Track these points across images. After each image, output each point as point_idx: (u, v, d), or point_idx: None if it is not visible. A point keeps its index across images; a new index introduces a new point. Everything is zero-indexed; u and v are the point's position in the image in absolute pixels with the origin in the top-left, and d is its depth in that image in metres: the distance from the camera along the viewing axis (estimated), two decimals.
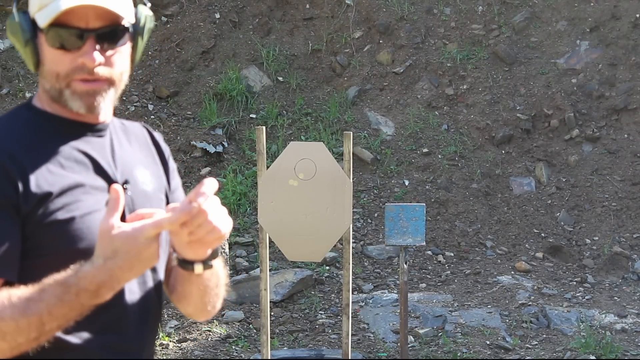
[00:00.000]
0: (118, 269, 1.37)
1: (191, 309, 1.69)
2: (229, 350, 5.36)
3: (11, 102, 7.72)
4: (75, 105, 1.51)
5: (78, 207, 1.47)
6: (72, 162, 1.51)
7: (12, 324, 1.33)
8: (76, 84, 1.50)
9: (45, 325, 1.35)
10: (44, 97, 1.56)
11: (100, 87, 1.51)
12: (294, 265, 6.39)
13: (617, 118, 7.91)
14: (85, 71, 1.49)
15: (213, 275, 1.62)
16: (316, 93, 8.28)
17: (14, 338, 1.34)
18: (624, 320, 5.75)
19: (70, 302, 1.35)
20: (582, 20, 8.42)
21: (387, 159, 7.66)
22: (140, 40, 1.58)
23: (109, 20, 1.50)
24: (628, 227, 7.17)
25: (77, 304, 1.36)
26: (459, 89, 8.19)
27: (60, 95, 1.51)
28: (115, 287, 1.39)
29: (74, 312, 1.37)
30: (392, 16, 8.53)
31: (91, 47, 1.48)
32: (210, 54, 8.36)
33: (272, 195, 4.19)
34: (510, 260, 6.84)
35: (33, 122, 1.53)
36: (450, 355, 5.26)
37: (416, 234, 4.68)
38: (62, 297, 1.35)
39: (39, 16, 1.48)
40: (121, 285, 1.40)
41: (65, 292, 1.35)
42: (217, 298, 1.69)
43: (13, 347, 1.36)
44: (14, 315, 1.33)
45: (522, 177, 7.66)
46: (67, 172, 1.49)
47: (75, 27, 1.47)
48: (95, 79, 1.50)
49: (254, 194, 6.86)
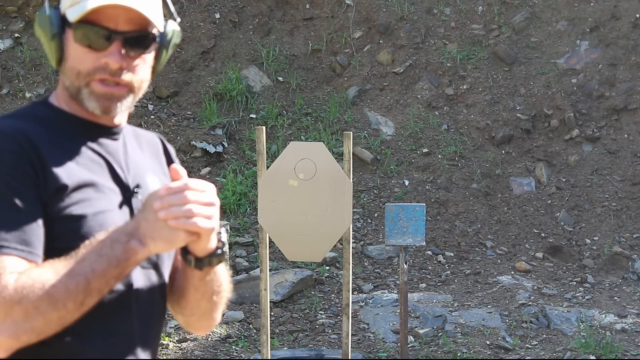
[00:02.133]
0: (143, 219, 1.39)
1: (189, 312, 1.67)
2: (229, 350, 5.36)
3: (11, 102, 7.72)
4: (91, 105, 1.51)
5: (92, 204, 1.47)
6: (87, 160, 1.52)
7: (62, 287, 1.34)
8: (95, 84, 1.50)
9: (90, 283, 1.36)
10: (63, 94, 1.56)
11: (119, 93, 1.51)
12: (294, 265, 6.39)
13: (617, 118, 7.92)
14: (106, 72, 1.49)
15: (212, 282, 1.61)
16: (316, 93, 8.28)
17: (64, 304, 1.35)
18: (624, 320, 5.75)
19: (108, 256, 1.37)
20: (582, 20, 8.43)
21: (387, 159, 7.66)
22: (164, 52, 1.59)
23: (138, 26, 1.50)
24: (628, 227, 7.17)
25: (113, 257, 1.37)
26: (459, 89, 8.19)
27: (78, 93, 1.51)
28: (143, 242, 1.39)
29: (112, 268, 1.38)
30: (392, 16, 8.53)
31: (117, 49, 1.49)
32: (210, 54, 8.36)
33: (272, 195, 4.19)
34: (510, 260, 6.84)
35: (50, 119, 1.53)
36: (450, 355, 5.26)
37: (416, 234, 4.68)
38: (100, 251, 1.37)
39: (70, 12, 1.49)
40: (148, 242, 1.39)
41: (102, 246, 1.38)
42: (218, 306, 1.67)
43: (61, 317, 1.36)
44: (61, 279, 1.35)
45: (522, 177, 7.66)
46: (82, 169, 1.50)
47: (104, 26, 1.48)
48: (115, 82, 1.50)
49: (254, 194, 6.86)
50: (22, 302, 1.32)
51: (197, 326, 1.72)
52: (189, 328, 1.76)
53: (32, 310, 1.32)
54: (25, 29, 8.39)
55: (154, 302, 1.59)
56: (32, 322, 1.33)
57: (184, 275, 1.61)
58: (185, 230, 1.39)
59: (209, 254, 1.51)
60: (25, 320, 1.32)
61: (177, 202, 1.38)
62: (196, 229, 1.39)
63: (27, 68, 8.12)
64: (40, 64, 8.14)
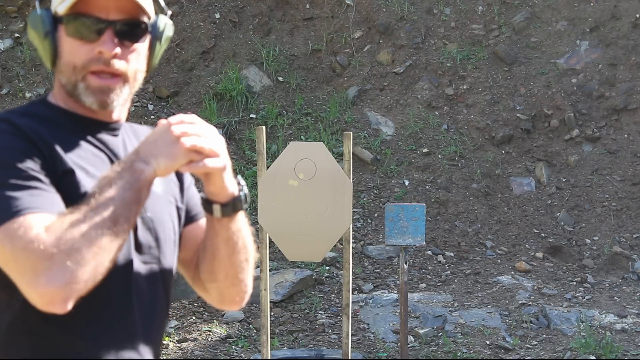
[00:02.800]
0: (142, 143, 1.43)
1: (222, 275, 1.65)
2: (229, 350, 5.36)
3: (11, 102, 7.72)
4: (88, 100, 1.52)
5: None
6: (89, 154, 1.53)
7: (91, 222, 1.34)
8: (91, 78, 1.50)
9: (115, 212, 1.36)
10: (60, 93, 1.56)
11: (114, 84, 1.52)
12: (294, 265, 6.39)
13: (617, 118, 7.92)
14: (101, 62, 1.49)
15: (240, 233, 1.61)
16: (316, 93, 8.28)
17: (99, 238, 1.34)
18: (624, 320, 5.75)
19: (119, 183, 1.38)
20: (582, 20, 8.43)
21: (387, 159, 7.66)
22: (158, 44, 1.59)
23: (129, 14, 1.51)
24: (628, 227, 7.17)
25: (125, 183, 1.39)
26: (459, 89, 8.19)
27: (75, 88, 1.52)
28: (146, 161, 1.41)
29: (128, 193, 1.38)
30: (392, 16, 8.53)
31: (110, 37, 1.49)
32: (210, 54, 8.36)
33: (272, 195, 4.19)
34: (510, 260, 6.84)
35: (49, 117, 1.53)
36: (450, 355, 5.26)
37: (416, 234, 4.68)
38: (111, 182, 1.38)
39: (60, 7, 1.50)
40: (151, 160, 1.42)
41: (111, 177, 1.39)
42: (247, 267, 1.66)
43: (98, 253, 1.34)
44: (88, 215, 1.35)
45: (522, 177, 7.66)
46: (85, 162, 1.50)
47: (95, 16, 1.48)
48: (110, 71, 1.50)
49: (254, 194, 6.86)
50: (60, 246, 1.31)
51: (231, 294, 1.69)
52: (222, 303, 1.73)
53: (72, 252, 1.31)
54: (25, 29, 8.39)
55: (155, 297, 1.59)
56: (76, 264, 1.31)
57: (212, 233, 1.60)
58: (193, 149, 1.42)
59: (232, 199, 1.53)
60: (70, 262, 1.31)
61: (189, 127, 1.43)
62: (207, 151, 1.42)
63: (27, 68, 8.13)
64: (40, 64, 8.14)
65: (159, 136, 1.43)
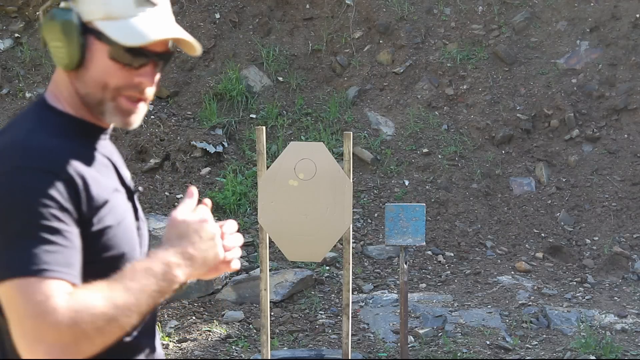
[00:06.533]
0: (190, 245, 1.46)
1: None
2: (229, 350, 5.36)
3: (11, 102, 7.73)
4: (113, 119, 1.53)
5: (118, 211, 1.50)
6: (102, 166, 1.54)
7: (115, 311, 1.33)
8: (123, 100, 1.51)
9: (140, 307, 1.36)
10: (72, 99, 1.54)
11: (141, 107, 1.56)
12: (294, 265, 6.39)
13: (617, 118, 7.91)
14: (137, 90, 1.52)
15: None
16: (316, 93, 8.28)
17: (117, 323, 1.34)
18: (624, 320, 5.75)
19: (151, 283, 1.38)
20: (582, 20, 8.42)
21: (387, 159, 7.66)
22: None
23: (166, 46, 1.55)
24: (628, 227, 7.17)
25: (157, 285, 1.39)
26: (459, 89, 8.19)
27: (100, 105, 1.51)
28: (185, 274, 1.44)
29: (157, 294, 1.39)
30: (392, 16, 8.53)
31: (152, 69, 1.53)
32: (210, 54, 8.36)
33: (272, 196, 4.19)
34: (510, 260, 6.84)
35: (62, 126, 1.51)
36: (450, 355, 5.26)
37: (416, 234, 4.68)
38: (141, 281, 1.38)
39: (106, 26, 1.47)
40: (196, 267, 1.46)
41: (144, 274, 1.39)
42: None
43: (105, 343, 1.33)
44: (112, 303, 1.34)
45: (522, 177, 7.66)
46: (104, 177, 1.51)
47: (146, 49, 1.50)
48: (143, 98, 1.54)
49: (254, 194, 6.86)
50: (74, 328, 1.28)
51: None
52: None
53: (82, 339, 1.29)
54: (25, 29, 8.39)
55: None
56: (81, 348, 1.30)
57: None
58: (228, 265, 1.56)
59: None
60: (74, 343, 1.29)
61: (235, 241, 1.58)
62: (235, 267, 1.58)
63: (27, 68, 8.12)
64: (40, 64, 8.14)
65: (204, 252, 1.47)
